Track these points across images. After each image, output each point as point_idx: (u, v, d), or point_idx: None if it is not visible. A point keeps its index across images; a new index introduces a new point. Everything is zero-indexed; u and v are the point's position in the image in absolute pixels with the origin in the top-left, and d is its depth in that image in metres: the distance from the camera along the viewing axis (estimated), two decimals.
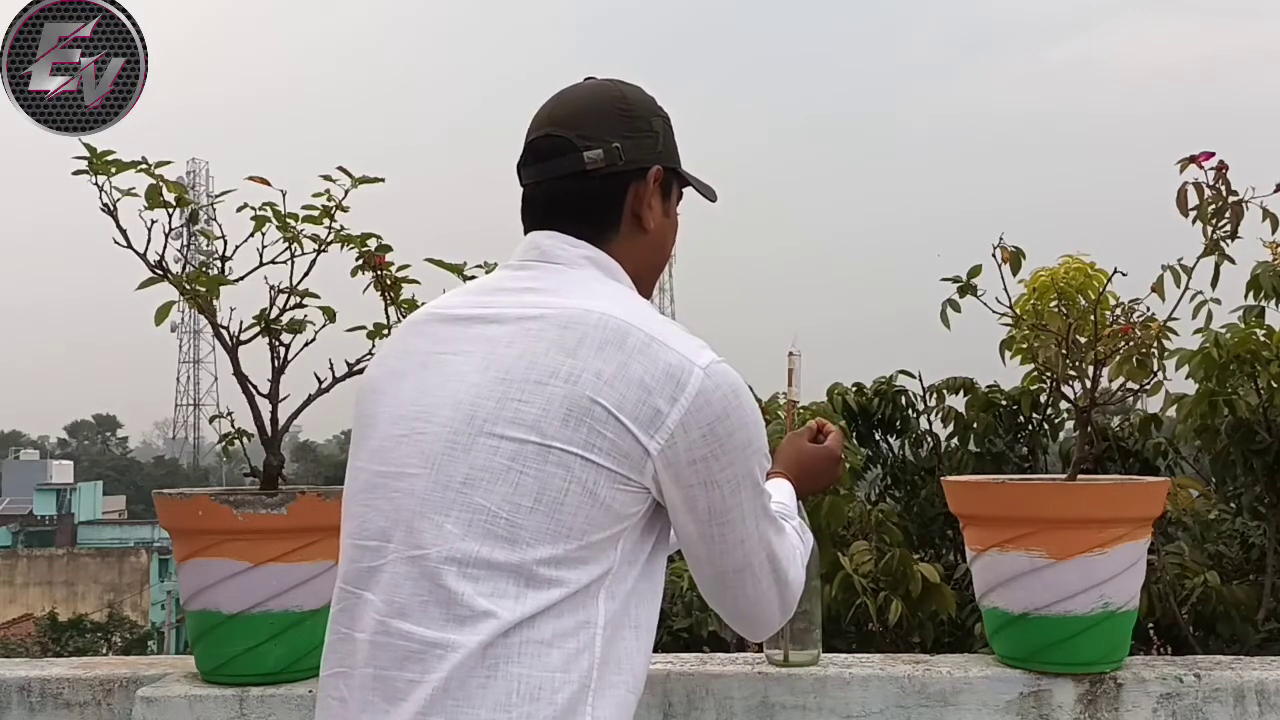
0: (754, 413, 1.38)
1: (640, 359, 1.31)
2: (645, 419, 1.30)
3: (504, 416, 1.30)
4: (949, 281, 2.62)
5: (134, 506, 51.01)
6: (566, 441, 1.28)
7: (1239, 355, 3.37)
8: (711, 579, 1.45)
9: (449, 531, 1.29)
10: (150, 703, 2.24)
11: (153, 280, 2.35)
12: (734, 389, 1.35)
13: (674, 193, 1.55)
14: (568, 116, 1.47)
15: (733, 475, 1.36)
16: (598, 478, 1.29)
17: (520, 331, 1.34)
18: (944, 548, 4.20)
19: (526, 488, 1.28)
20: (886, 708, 2.23)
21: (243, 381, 2.38)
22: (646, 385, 1.30)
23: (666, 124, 1.53)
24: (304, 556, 2.23)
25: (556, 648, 1.27)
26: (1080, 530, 2.23)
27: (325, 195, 2.42)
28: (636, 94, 1.51)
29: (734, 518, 1.39)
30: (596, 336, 1.31)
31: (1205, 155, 2.33)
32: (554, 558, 1.28)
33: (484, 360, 1.34)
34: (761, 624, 1.51)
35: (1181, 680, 2.25)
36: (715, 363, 1.35)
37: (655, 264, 1.54)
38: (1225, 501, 4.02)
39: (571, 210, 1.46)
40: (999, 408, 4.16)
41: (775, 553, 1.46)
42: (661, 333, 1.34)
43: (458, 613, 1.27)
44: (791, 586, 1.50)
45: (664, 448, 1.31)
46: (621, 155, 1.45)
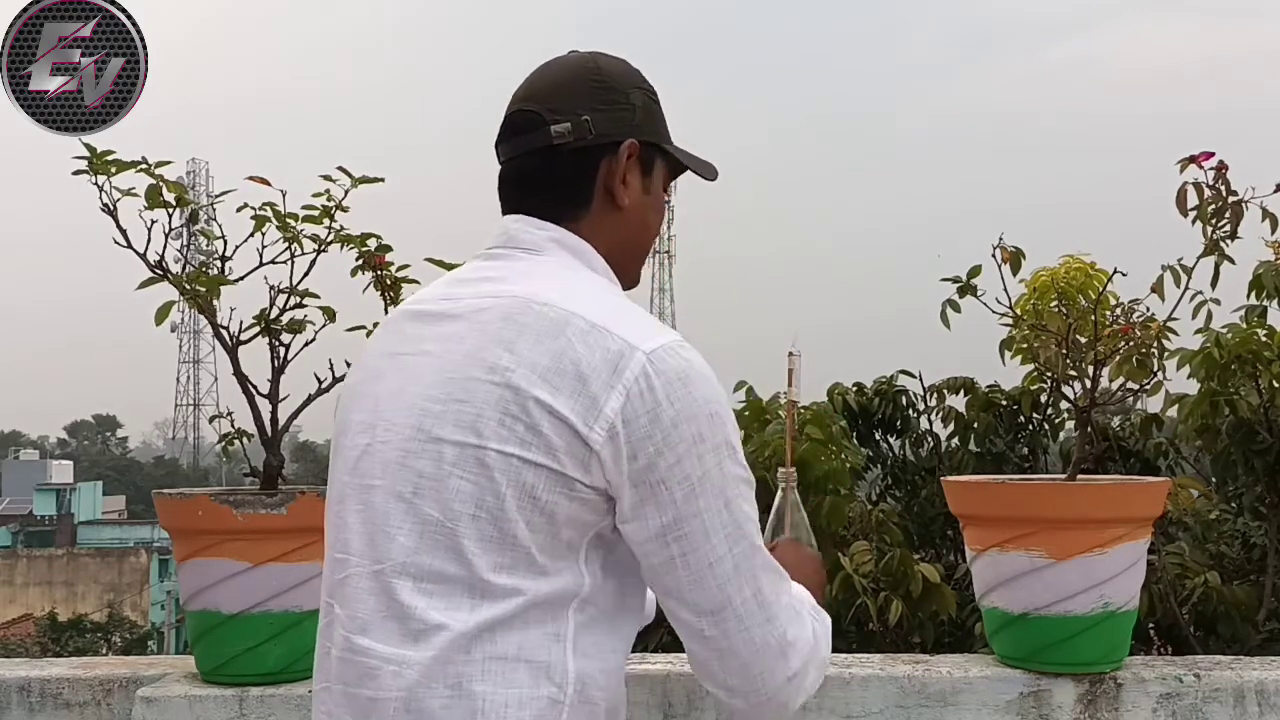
0: (709, 403, 1.24)
1: (578, 347, 1.21)
2: (582, 410, 1.20)
3: (448, 419, 1.24)
4: (949, 281, 2.62)
5: (134, 506, 51.01)
6: (502, 441, 1.20)
7: (1240, 355, 3.38)
8: (691, 632, 1.27)
9: (402, 544, 1.24)
10: (150, 703, 2.24)
11: (153, 280, 2.35)
12: (683, 374, 1.23)
13: (657, 170, 1.45)
14: (540, 90, 1.40)
15: (684, 475, 1.22)
16: (537, 480, 1.20)
17: (470, 327, 1.28)
18: (944, 548, 4.21)
19: (466, 494, 1.21)
20: (886, 708, 2.23)
21: (243, 381, 2.38)
22: (583, 374, 1.20)
23: (648, 97, 1.43)
24: (304, 556, 2.23)
25: (524, 662, 1.21)
26: (1080, 530, 2.22)
27: (325, 195, 2.42)
28: (615, 65, 1.43)
29: (693, 530, 1.22)
30: (536, 327, 1.23)
31: (1205, 155, 2.33)
32: (502, 565, 1.21)
33: (437, 361, 1.28)
34: (762, 695, 1.28)
35: (1181, 680, 2.24)
36: (665, 346, 1.24)
37: (634, 244, 1.44)
38: (1226, 501, 4.03)
39: (541, 186, 1.39)
40: (999, 408, 4.17)
41: (766, 593, 1.26)
42: (606, 319, 1.24)
43: (412, 627, 1.22)
44: (796, 648, 1.29)
45: (606, 440, 1.20)
46: (591, 128, 1.36)
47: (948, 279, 2.63)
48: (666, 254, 77.82)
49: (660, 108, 1.46)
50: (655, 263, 77.33)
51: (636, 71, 1.45)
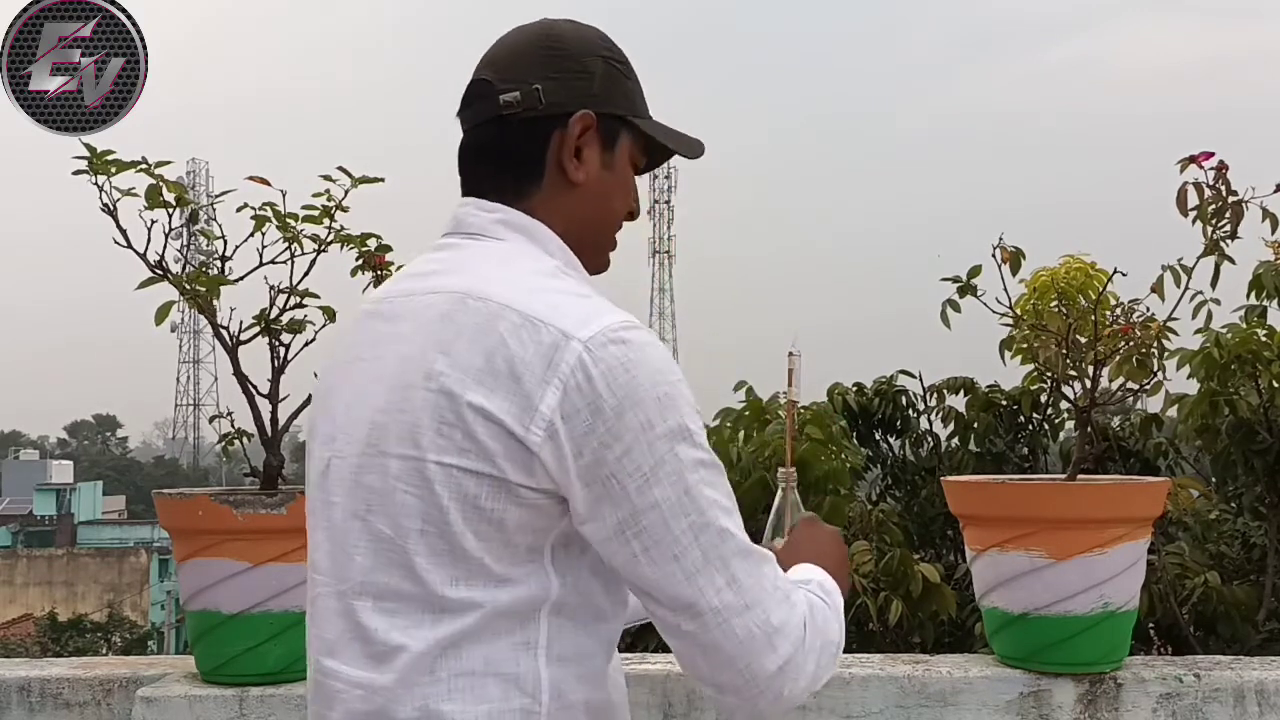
0: (656, 386, 1.15)
1: (511, 343, 1.14)
2: (517, 411, 1.12)
3: (392, 431, 1.18)
4: (949, 281, 2.62)
5: (134, 506, 50.99)
6: (440, 452, 1.14)
7: (1240, 355, 3.38)
8: (669, 629, 1.20)
9: (360, 564, 1.20)
10: (150, 703, 2.24)
11: (153, 280, 2.35)
12: (624, 360, 1.14)
13: (623, 144, 1.34)
14: (495, 58, 1.32)
15: (635, 466, 1.13)
16: (479, 489, 1.14)
17: (413, 328, 1.21)
18: (944, 548, 4.21)
19: (412, 509, 1.16)
20: (886, 708, 2.23)
21: (243, 381, 2.38)
22: (516, 372, 1.13)
23: (610, 65, 1.32)
24: (304, 557, 2.20)
25: (493, 676, 1.16)
26: (1080, 530, 2.23)
27: (325, 195, 2.42)
28: (574, 31, 1.33)
29: (652, 523, 1.14)
30: (470, 325, 1.16)
31: (1205, 155, 2.33)
32: (457, 578, 1.15)
33: (384, 368, 1.22)
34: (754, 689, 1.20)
35: (1181, 680, 2.24)
36: (604, 332, 1.15)
37: (595, 222, 1.33)
38: (1226, 501, 4.03)
39: (492, 160, 1.31)
40: (999, 408, 4.17)
41: (743, 579, 1.17)
42: (541, 309, 1.16)
43: (375, 650, 1.18)
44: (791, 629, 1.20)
45: (545, 440, 1.12)
46: (542, 98, 1.27)
47: (948, 279, 2.63)
48: (666, 254, 77.80)
49: (629, 78, 1.35)
50: (655, 263, 77.31)
51: (602, 38, 1.35)
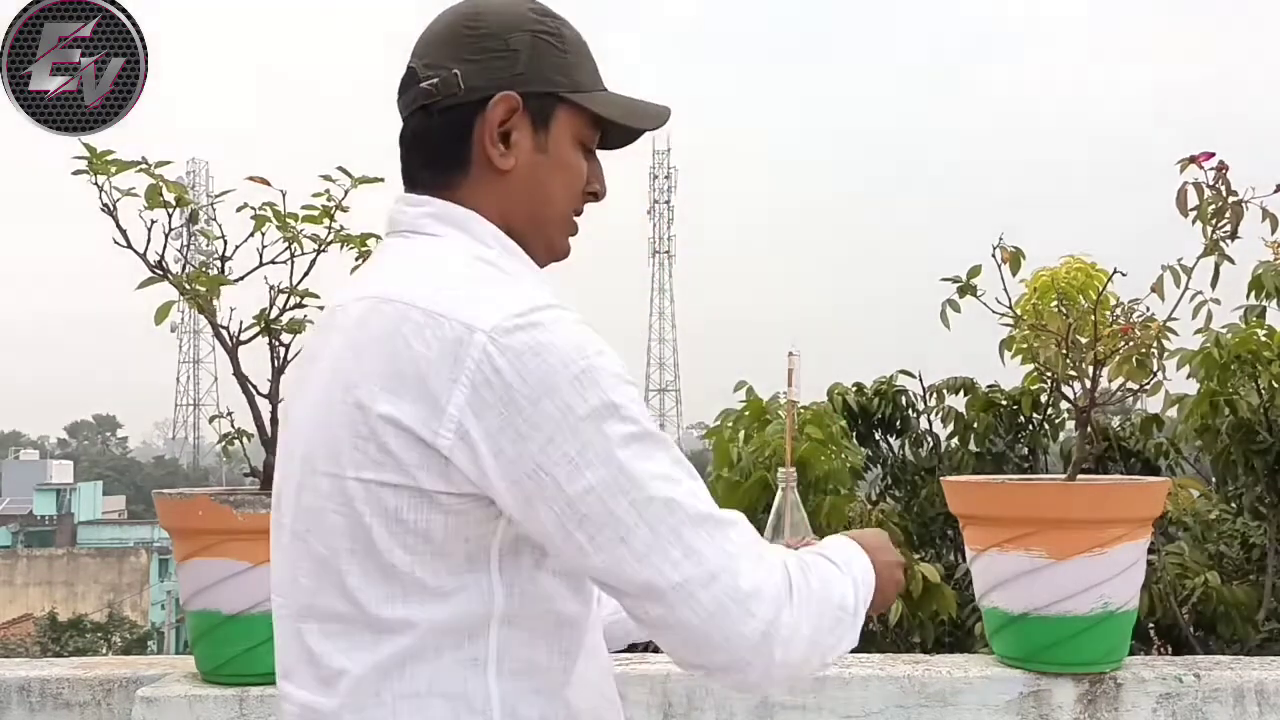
0: (570, 365, 1.06)
1: (414, 344, 1.07)
2: (426, 414, 1.06)
3: (320, 448, 1.13)
4: (949, 281, 2.62)
5: (134, 506, 51.00)
6: (358, 467, 1.09)
7: (1240, 355, 3.38)
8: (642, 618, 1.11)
9: (304, 585, 1.16)
10: (150, 703, 2.24)
11: (153, 280, 2.35)
12: (533, 345, 1.06)
13: (561, 123, 1.24)
14: (420, 43, 1.25)
15: (561, 454, 1.05)
16: (399, 501, 1.08)
17: (339, 338, 1.15)
18: (944, 548, 4.21)
19: (340, 528, 1.11)
20: (886, 708, 2.23)
21: (243, 381, 2.38)
22: (421, 373, 1.06)
23: (540, 39, 1.22)
24: None
25: (438, 696, 1.11)
26: (1080, 530, 2.23)
27: (325, 195, 2.42)
28: (498, 9, 1.23)
29: (591, 510, 1.06)
30: (379, 329, 1.10)
31: (1205, 155, 2.33)
32: (392, 596, 1.10)
33: (316, 381, 1.17)
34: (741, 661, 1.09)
35: (1181, 680, 2.24)
36: (509, 318, 1.07)
37: (534, 209, 1.24)
38: (1226, 501, 4.03)
39: (421, 150, 1.24)
40: (999, 408, 4.17)
41: (701, 549, 1.07)
42: (444, 304, 1.09)
43: (320, 673, 1.14)
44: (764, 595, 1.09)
45: (455, 442, 1.06)
46: (461, 83, 1.20)
47: (948, 279, 2.63)
48: (666, 254, 77.80)
49: (566, 50, 1.25)
50: (655, 263, 77.34)
51: (535, 9, 1.25)
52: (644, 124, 1.30)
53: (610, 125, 1.28)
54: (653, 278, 78.07)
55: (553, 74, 1.23)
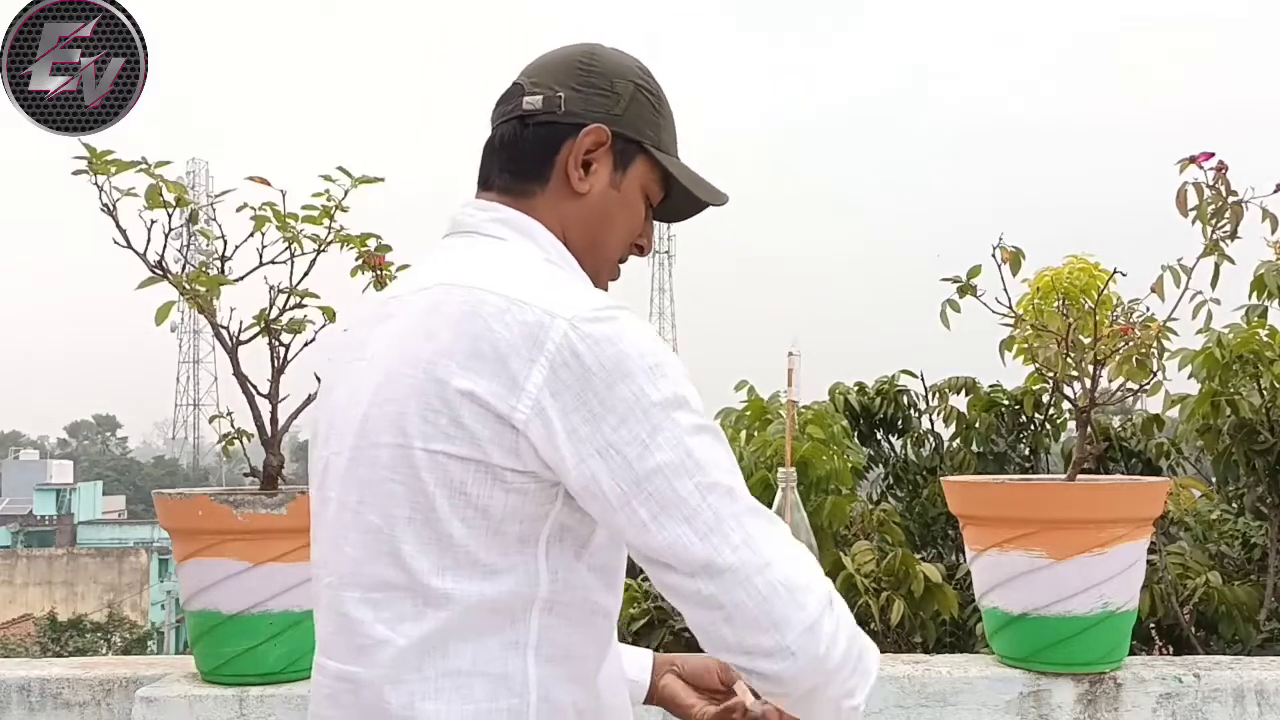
0: (645, 356, 1.14)
1: (495, 326, 1.14)
2: (503, 391, 1.12)
3: (382, 422, 1.18)
4: (949, 281, 2.62)
5: (134, 506, 51.02)
6: (426, 439, 1.14)
7: (1242, 355, 3.38)
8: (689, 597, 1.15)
9: (349, 555, 1.20)
10: (150, 703, 2.24)
11: (153, 280, 2.35)
12: (611, 335, 1.13)
13: (636, 169, 1.34)
14: (534, 65, 1.36)
15: (633, 435, 1.11)
16: (464, 474, 1.14)
17: (402, 325, 1.22)
18: (946, 548, 4.21)
19: (400, 497, 1.16)
20: (886, 708, 2.23)
21: (243, 381, 2.38)
22: (501, 353, 1.12)
23: (641, 93, 1.34)
24: (304, 556, 2.20)
25: (479, 675, 1.15)
26: (1080, 530, 2.23)
27: (325, 195, 2.42)
28: (613, 55, 1.36)
29: (658, 489, 1.12)
30: (455, 312, 1.17)
31: (1205, 155, 2.33)
32: (444, 567, 1.15)
33: (377, 363, 1.23)
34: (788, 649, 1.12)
35: (1181, 680, 2.24)
36: (590, 310, 1.15)
37: (594, 236, 1.33)
38: (1227, 502, 4.03)
39: (506, 156, 1.33)
40: (1001, 408, 4.17)
41: (757, 536, 1.14)
42: (525, 292, 1.16)
43: (357, 642, 1.18)
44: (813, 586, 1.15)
45: (531, 418, 1.11)
46: (562, 105, 1.30)
47: (948, 279, 2.63)
48: (666, 254, 77.85)
49: (659, 111, 1.37)
50: (655, 263, 77.39)
51: (641, 68, 1.37)
52: (706, 196, 1.39)
53: (673, 192, 1.38)
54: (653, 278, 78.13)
55: (643, 126, 1.34)
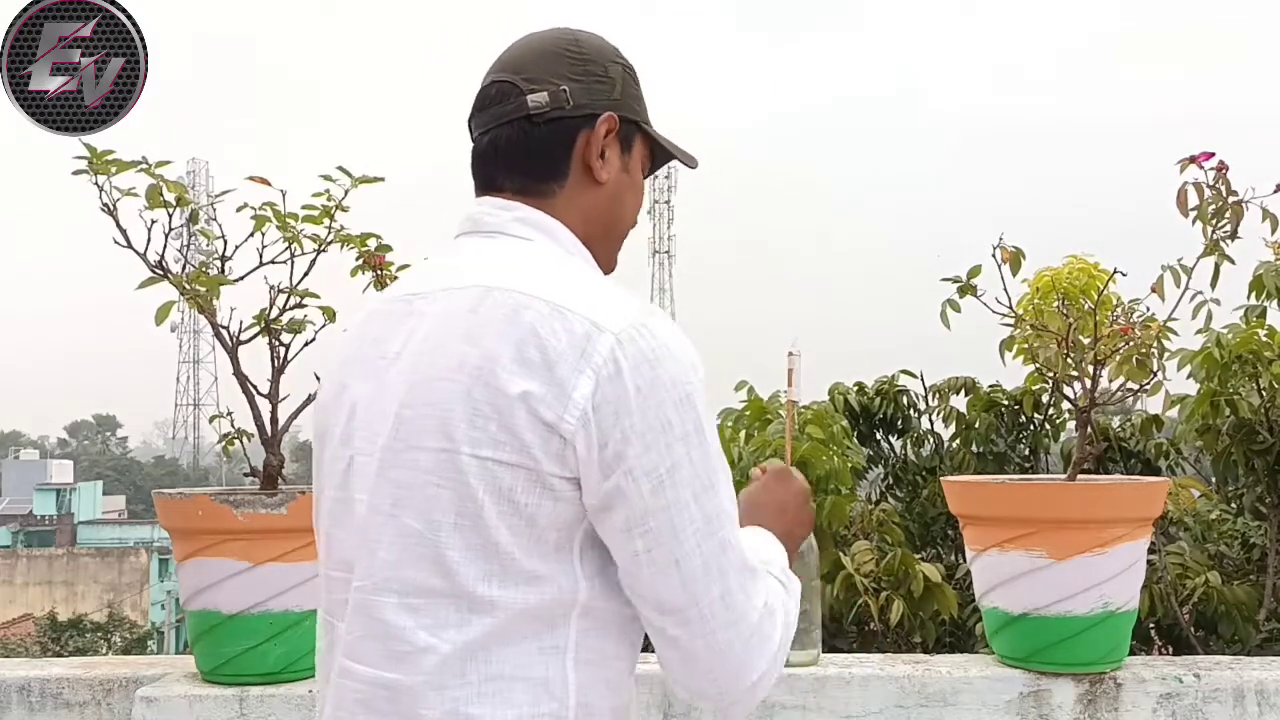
0: (678, 385, 1.16)
1: (542, 332, 1.14)
2: (552, 398, 1.13)
3: (420, 425, 1.17)
4: (949, 281, 2.62)
5: (134, 506, 51.01)
6: (474, 444, 1.14)
7: (1241, 355, 3.38)
8: (652, 629, 1.21)
9: (384, 559, 1.18)
10: (150, 703, 2.24)
11: (153, 280, 2.35)
12: (651, 356, 1.15)
13: (636, 150, 1.38)
14: (515, 61, 1.34)
15: (652, 465, 1.14)
16: (513, 480, 1.14)
17: (433, 325, 1.21)
18: (945, 548, 4.21)
19: (444, 501, 1.15)
20: (886, 708, 2.23)
21: (243, 381, 2.38)
22: (549, 360, 1.13)
23: (627, 73, 1.37)
24: (304, 556, 2.23)
25: (521, 680, 1.16)
26: (1080, 530, 2.23)
27: (325, 195, 2.42)
28: (592, 39, 1.37)
29: (659, 526, 1.15)
30: (497, 316, 1.16)
31: (1205, 155, 2.33)
32: (490, 574, 1.15)
33: (406, 363, 1.22)
34: (726, 697, 1.22)
35: (1181, 680, 2.24)
36: (633, 325, 1.16)
37: (610, 224, 1.36)
38: (1226, 502, 4.03)
39: (515, 158, 1.31)
40: (1001, 408, 4.17)
41: (734, 594, 1.18)
42: (568, 298, 1.17)
43: (397, 648, 1.16)
44: (764, 646, 1.22)
45: (579, 426, 1.13)
46: (570, 98, 1.30)
47: (948, 279, 2.63)
48: (666, 254, 77.81)
49: (639, 86, 1.39)
50: (655, 263, 77.35)
51: (615, 47, 1.39)
52: (688, 161, 1.46)
53: (655, 161, 1.43)
54: (653, 278, 78.07)
55: (635, 105, 1.37)
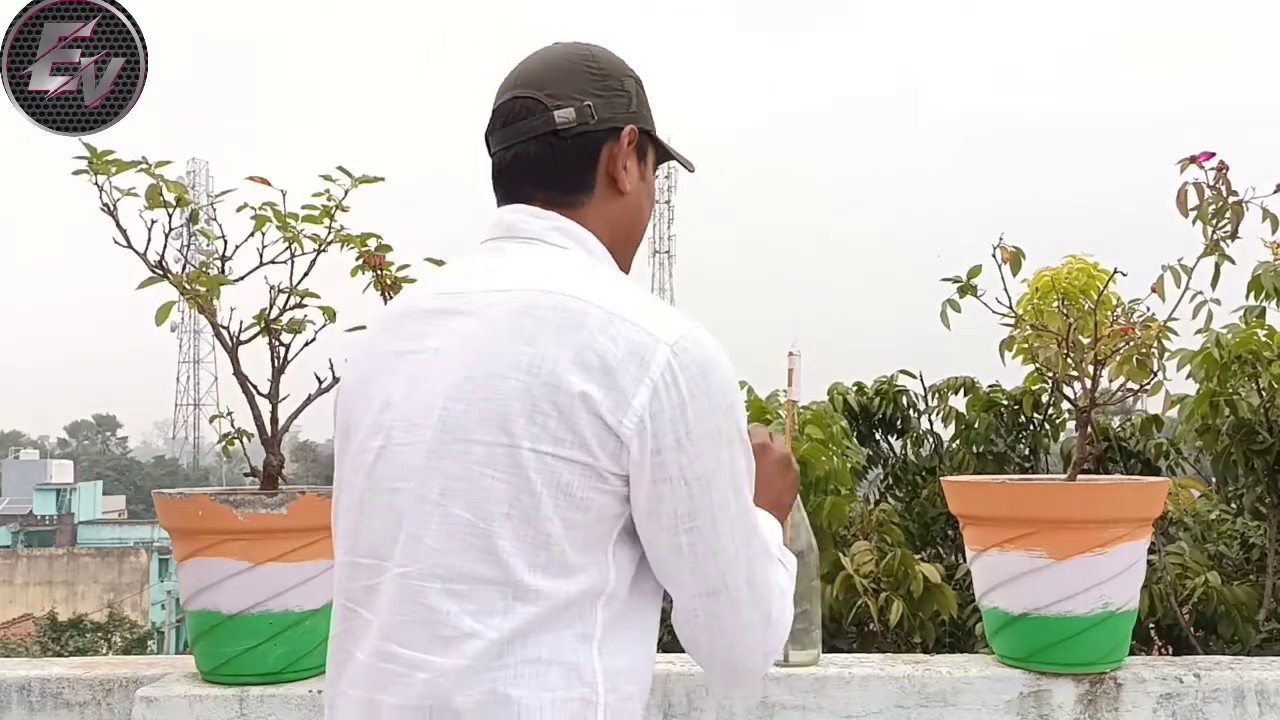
0: (726, 395, 1.25)
1: (601, 339, 1.21)
2: (611, 403, 1.19)
3: (472, 419, 1.22)
4: (949, 281, 2.62)
5: (134, 506, 51.02)
6: (534, 439, 1.19)
7: (1240, 355, 3.38)
8: (682, 610, 1.30)
9: (429, 546, 1.22)
10: (150, 703, 2.24)
11: (153, 280, 2.35)
12: (703, 366, 1.23)
13: (649, 157, 1.46)
14: (535, 77, 1.39)
15: (702, 471, 1.23)
16: (571, 475, 1.20)
17: (482, 323, 1.26)
18: (945, 548, 4.21)
19: (500, 494, 1.20)
20: (886, 708, 2.23)
21: (243, 381, 2.38)
22: (609, 367, 1.20)
23: (639, 85, 1.44)
24: (304, 556, 2.23)
25: (555, 664, 1.21)
26: (1080, 530, 2.23)
27: (325, 195, 2.42)
28: (606, 54, 1.43)
29: (703, 523, 1.24)
30: (555, 319, 1.22)
31: (1205, 155, 2.33)
32: (537, 565, 1.20)
33: (450, 359, 1.26)
34: (743, 669, 1.34)
35: (1181, 680, 2.24)
36: (685, 337, 1.23)
37: (631, 230, 1.44)
38: (1226, 502, 4.03)
39: (543, 172, 1.37)
40: (1000, 408, 4.17)
41: (758, 577, 1.30)
42: (625, 308, 1.24)
43: (441, 633, 1.20)
44: (777, 623, 1.33)
45: (635, 432, 1.20)
46: (594, 113, 1.37)
47: (948, 279, 2.63)
48: (666, 254, 77.81)
49: (645, 98, 1.45)
50: (655, 263, 77.36)
51: (623, 60, 1.45)
52: (688, 166, 1.54)
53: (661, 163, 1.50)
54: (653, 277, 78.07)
55: (648, 115, 1.45)
